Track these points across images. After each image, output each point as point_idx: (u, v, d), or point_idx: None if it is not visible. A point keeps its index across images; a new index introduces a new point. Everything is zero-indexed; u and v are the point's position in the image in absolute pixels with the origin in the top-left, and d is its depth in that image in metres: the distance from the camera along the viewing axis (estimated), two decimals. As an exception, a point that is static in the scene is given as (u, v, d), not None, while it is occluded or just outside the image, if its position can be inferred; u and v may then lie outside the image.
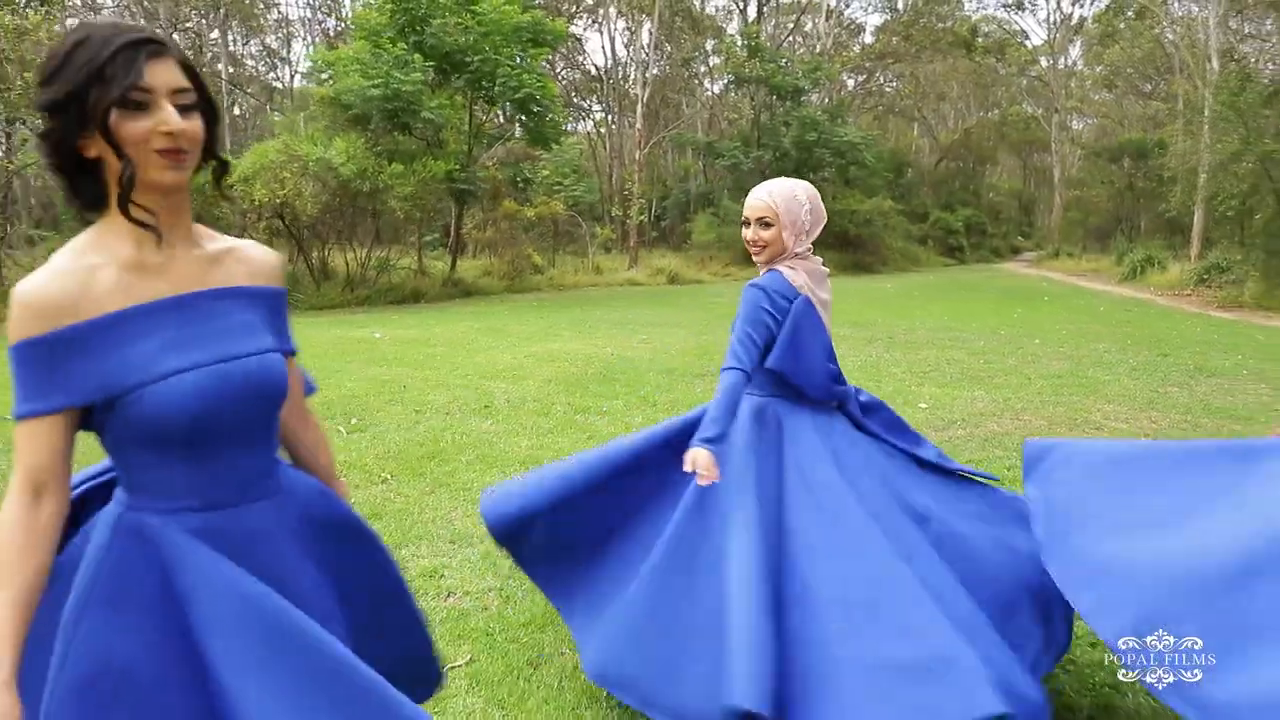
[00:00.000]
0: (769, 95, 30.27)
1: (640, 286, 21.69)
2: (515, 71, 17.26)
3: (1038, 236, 45.66)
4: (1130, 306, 16.34)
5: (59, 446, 1.21)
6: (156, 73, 1.15)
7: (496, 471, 4.89)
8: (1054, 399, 7.07)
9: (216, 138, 1.26)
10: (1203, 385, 7.80)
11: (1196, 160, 20.80)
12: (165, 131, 1.15)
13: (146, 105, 1.15)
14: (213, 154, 1.28)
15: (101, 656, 1.20)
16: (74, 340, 1.17)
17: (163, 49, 1.17)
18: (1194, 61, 25.22)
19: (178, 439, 1.22)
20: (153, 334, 1.21)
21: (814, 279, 2.37)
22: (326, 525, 1.45)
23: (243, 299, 1.31)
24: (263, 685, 1.20)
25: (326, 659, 1.26)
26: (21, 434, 1.20)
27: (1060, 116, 41.01)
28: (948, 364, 8.84)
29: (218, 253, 1.33)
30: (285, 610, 1.26)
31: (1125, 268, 23.48)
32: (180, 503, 1.24)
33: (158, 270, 1.24)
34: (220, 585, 1.22)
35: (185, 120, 1.18)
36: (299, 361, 1.52)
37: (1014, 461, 5.04)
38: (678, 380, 7.73)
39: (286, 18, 40.09)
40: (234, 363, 1.24)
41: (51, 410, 1.19)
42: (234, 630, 1.21)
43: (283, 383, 1.32)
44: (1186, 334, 11.84)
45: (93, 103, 1.14)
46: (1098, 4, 38.35)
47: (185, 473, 1.24)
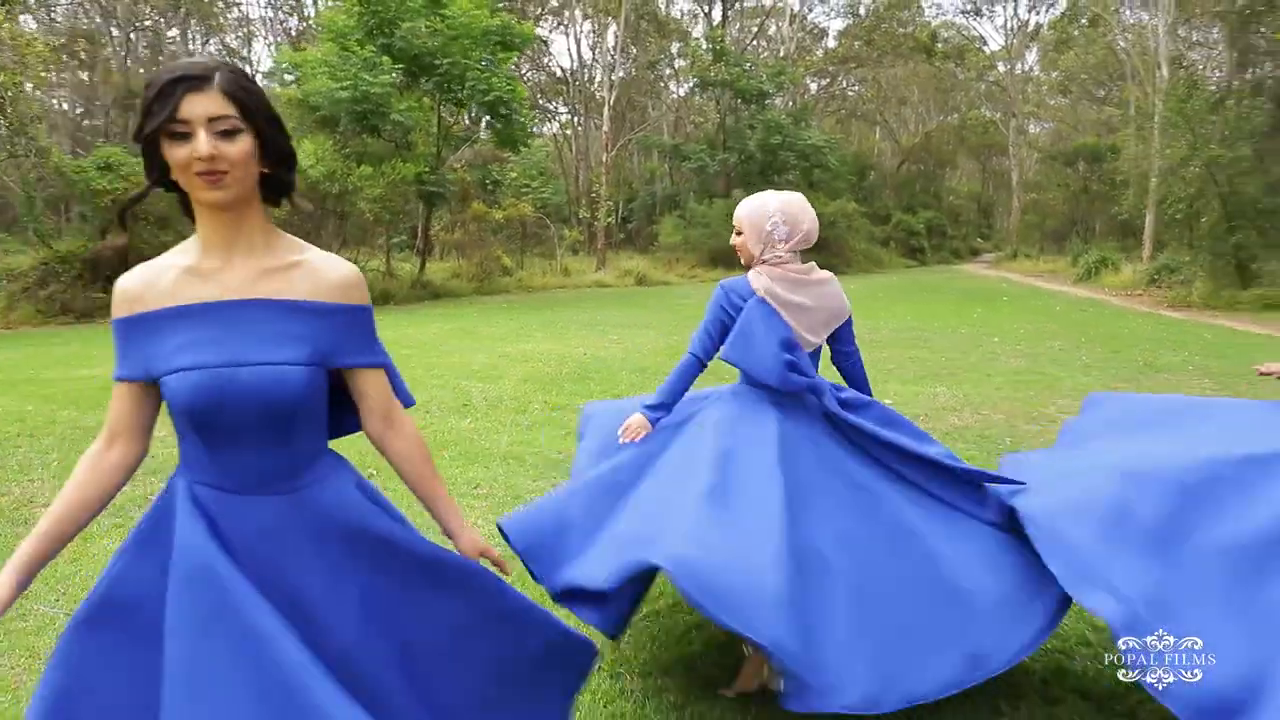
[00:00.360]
0: (734, 99, 30.62)
1: (609, 288, 21.85)
2: (485, 75, 17.35)
3: (997, 238, 46.56)
4: (1085, 306, 16.86)
5: (128, 409, 1.47)
6: (193, 104, 1.29)
7: (479, 466, 5.04)
8: (1012, 394, 7.37)
9: (277, 151, 1.40)
10: (1151, 380, 8.17)
11: (1148, 165, 21.43)
12: (197, 157, 1.30)
13: (187, 135, 1.30)
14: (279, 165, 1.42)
15: (115, 587, 1.43)
16: (136, 326, 1.40)
17: (202, 83, 1.30)
18: (1144, 68, 25.96)
19: (189, 426, 1.40)
20: (179, 333, 1.37)
21: (787, 283, 2.58)
22: (355, 537, 1.47)
23: (285, 311, 1.39)
24: (183, 651, 1.32)
25: (267, 652, 1.31)
26: (113, 391, 1.48)
27: (1018, 121, 41.91)
28: (911, 362, 9.13)
29: (282, 266, 1.42)
30: (241, 594, 1.33)
31: (1080, 269, 24.14)
32: (200, 477, 1.43)
33: (208, 276, 1.40)
34: (188, 545, 1.37)
35: (225, 143, 1.31)
36: None
37: (974, 453, 5.30)
38: (650, 379, 7.91)
39: (247, 17, 39.58)
40: (244, 369, 1.35)
41: (119, 378, 1.45)
42: (183, 591, 1.35)
43: (291, 394, 1.38)
44: (1138, 332, 12.29)
45: (144, 135, 1.33)
46: (1053, 11, 39.35)
47: (202, 455, 1.42)
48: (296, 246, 1.46)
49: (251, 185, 1.38)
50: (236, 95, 1.32)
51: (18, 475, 4.86)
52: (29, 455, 5.27)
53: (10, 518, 4.19)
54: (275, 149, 1.39)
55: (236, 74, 1.35)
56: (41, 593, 3.32)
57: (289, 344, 1.38)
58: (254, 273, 1.40)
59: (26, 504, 4.38)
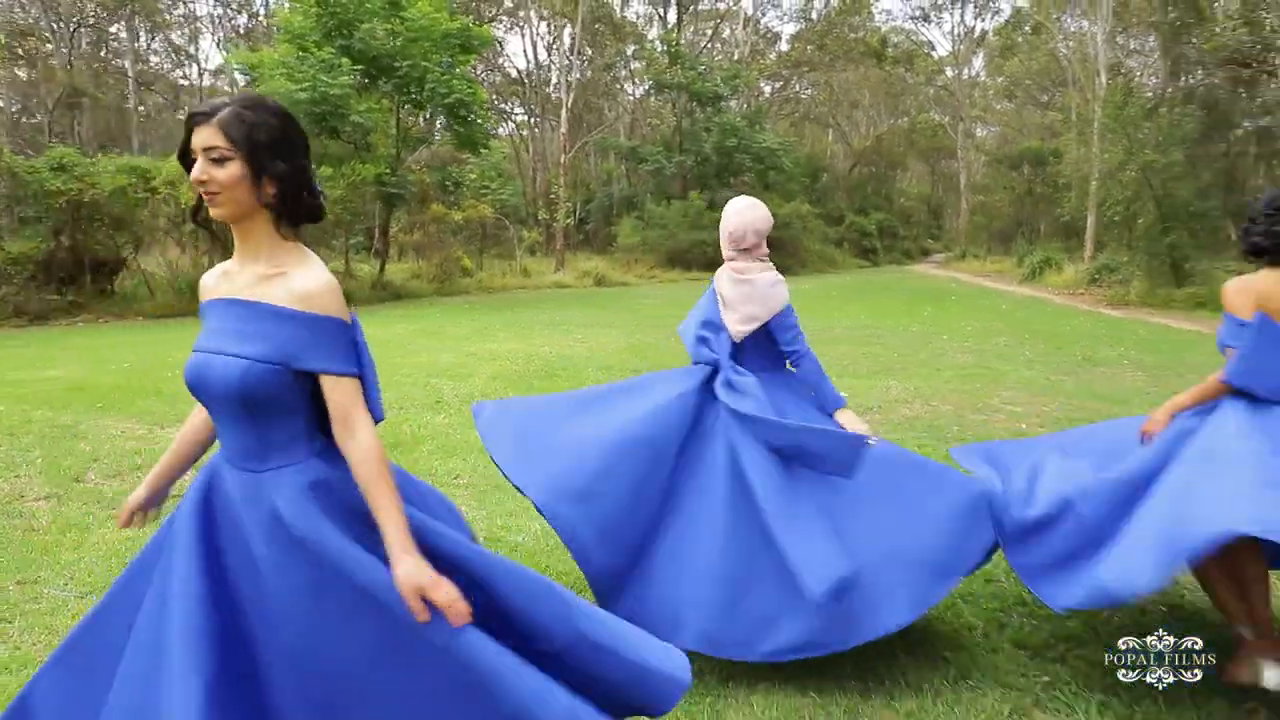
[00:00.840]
0: (690, 102, 31.00)
1: (568, 289, 22.06)
2: (445, 77, 17.45)
3: (946, 239, 47.61)
4: (1030, 305, 17.52)
5: None
6: (197, 137, 1.56)
7: (458, 458, 5.26)
8: (960, 388, 7.78)
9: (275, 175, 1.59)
10: (1089, 374, 8.66)
11: (1088, 168, 22.21)
12: (193, 179, 1.58)
13: (194, 161, 1.58)
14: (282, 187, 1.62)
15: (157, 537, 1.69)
16: (200, 312, 1.72)
17: (204, 118, 1.56)
18: (1085, 75, 26.90)
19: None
20: (205, 320, 1.69)
21: (726, 279, 3.01)
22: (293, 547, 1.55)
23: (259, 313, 1.59)
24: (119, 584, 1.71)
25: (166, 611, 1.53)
26: None
27: (965, 124, 43.02)
28: (864, 358, 9.52)
29: (272, 274, 1.61)
30: (174, 556, 1.57)
31: (1026, 269, 24.93)
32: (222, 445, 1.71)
33: (230, 277, 1.68)
34: (180, 506, 1.66)
35: (216, 169, 1.55)
36: None
37: (924, 441, 5.66)
38: (617, 375, 8.17)
39: (193, 13, 38.92)
40: (216, 356, 1.58)
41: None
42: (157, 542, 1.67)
43: (246, 384, 1.55)
44: (1078, 329, 12.88)
45: (181, 161, 1.64)
46: (998, 18, 40.52)
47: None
48: (293, 259, 1.63)
49: (249, 204, 1.59)
50: (229, 129, 1.56)
51: (5, 471, 4.96)
52: (11, 453, 5.36)
53: (5, 510, 4.31)
54: (273, 173, 1.59)
55: (242, 110, 1.57)
56: (50, 578, 3.48)
57: (255, 341, 1.57)
58: (254, 278, 1.63)
59: (18, 499, 4.50)
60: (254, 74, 17.44)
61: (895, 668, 2.77)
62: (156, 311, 15.02)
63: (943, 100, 45.40)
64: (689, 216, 27.58)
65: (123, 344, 10.82)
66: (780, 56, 42.89)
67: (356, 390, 1.59)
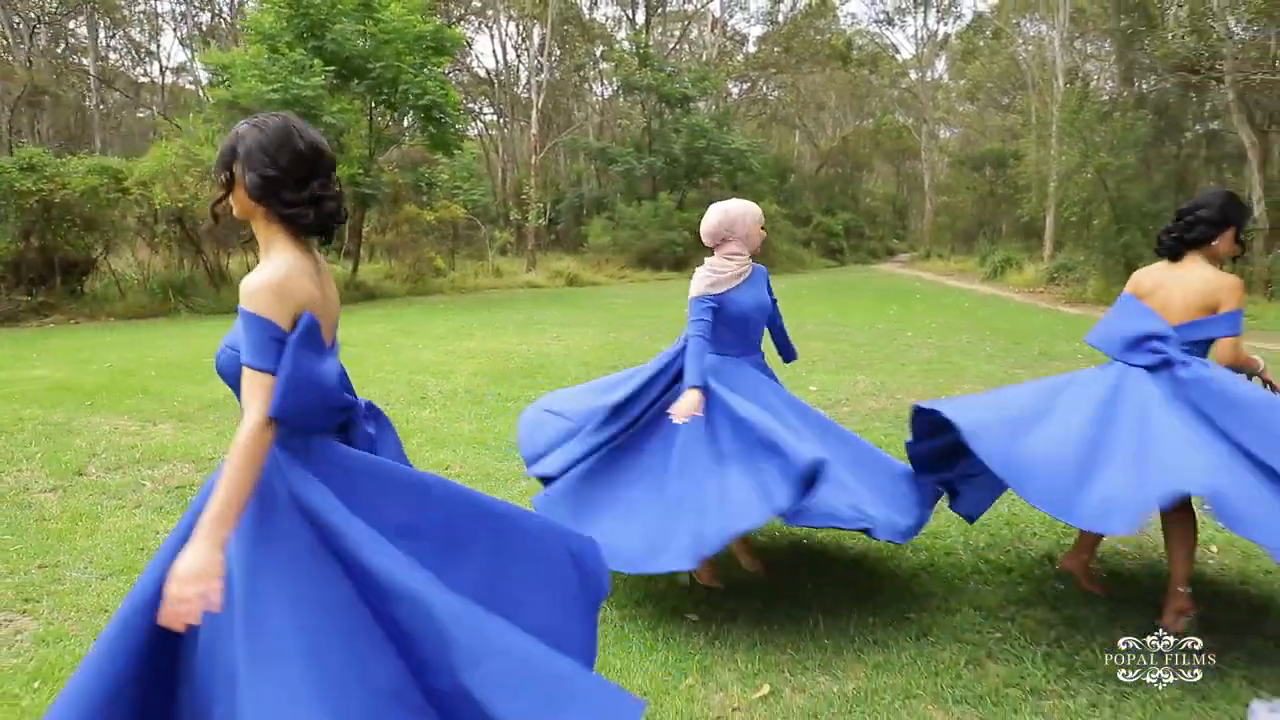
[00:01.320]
0: (659, 103, 31.29)
1: (541, 289, 22.25)
2: (418, 79, 17.57)
3: (911, 239, 48.40)
4: (991, 303, 18.05)
5: None
6: None
7: (448, 450, 5.49)
8: (923, 381, 8.15)
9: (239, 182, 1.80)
10: (1046, 367, 9.08)
11: (1047, 170, 22.88)
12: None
13: None
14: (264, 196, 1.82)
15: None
16: None
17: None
18: (1043, 79, 27.61)
19: None
20: None
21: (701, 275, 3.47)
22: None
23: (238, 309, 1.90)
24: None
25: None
26: None
27: (929, 126, 43.83)
28: (833, 354, 9.87)
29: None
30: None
31: (988, 268, 25.56)
32: None
33: None
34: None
35: (218, 174, 1.83)
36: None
37: (889, 430, 5.99)
38: (596, 371, 8.41)
39: (154, 10, 38.48)
40: (222, 348, 1.81)
41: None
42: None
43: (226, 370, 1.79)
44: (1037, 326, 13.37)
45: None
46: (960, 23, 41.37)
47: None
48: (267, 259, 1.81)
49: (241, 208, 1.83)
50: (222, 142, 1.85)
51: (8, 466, 5.11)
52: (10, 448, 5.49)
53: (14, 501, 4.48)
54: (245, 183, 1.79)
55: (239, 126, 1.83)
56: (69, 562, 3.67)
57: (231, 334, 1.83)
58: None
59: (24, 490, 4.66)
60: (225, 75, 17.40)
61: (864, 627, 3.08)
62: (128, 313, 14.99)
63: (907, 102, 46.14)
64: (659, 217, 27.88)
65: (100, 345, 10.87)
66: (748, 58, 43.33)
67: (261, 385, 1.68)
